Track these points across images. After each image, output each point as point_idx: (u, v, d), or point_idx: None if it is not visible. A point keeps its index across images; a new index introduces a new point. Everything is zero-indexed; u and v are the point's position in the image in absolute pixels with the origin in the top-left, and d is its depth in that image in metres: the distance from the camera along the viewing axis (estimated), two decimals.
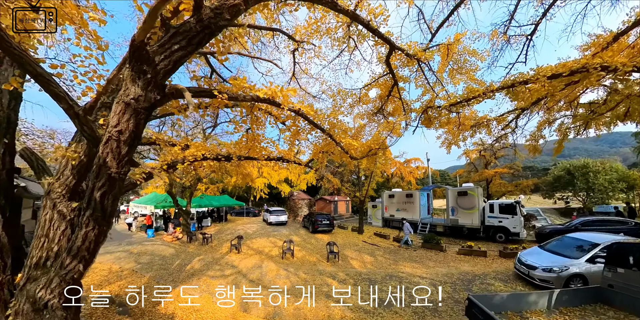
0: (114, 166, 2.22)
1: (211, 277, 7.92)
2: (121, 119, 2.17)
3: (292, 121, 3.86)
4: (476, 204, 14.93)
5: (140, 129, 2.38)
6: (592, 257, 6.72)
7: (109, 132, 2.15)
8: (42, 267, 3.20)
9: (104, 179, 2.25)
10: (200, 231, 15.38)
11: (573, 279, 6.63)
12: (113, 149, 2.23)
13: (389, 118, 8.75)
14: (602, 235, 7.82)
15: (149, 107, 2.34)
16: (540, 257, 7.81)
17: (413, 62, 6.99)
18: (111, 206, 2.52)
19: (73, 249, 2.58)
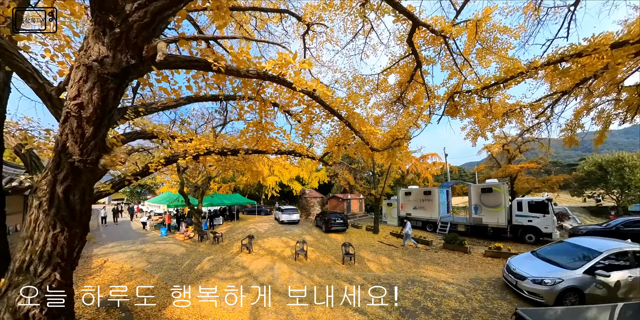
0: (76, 152, 1.74)
1: (220, 279, 7.50)
2: (82, 88, 1.64)
3: (306, 107, 3.24)
4: (502, 201, 13.79)
5: (110, 104, 1.82)
6: (592, 267, 5.67)
7: (66, 107, 1.64)
8: (25, 273, 2.77)
9: (66, 170, 1.79)
10: (211, 230, 15.16)
11: (567, 294, 5.58)
12: (73, 130, 1.73)
13: (409, 108, 7.97)
14: (607, 242, 6.72)
15: (120, 74, 1.77)
16: (531, 265, 6.71)
17: (438, 41, 6.20)
18: (80, 204, 2.00)
19: (44, 255, 2.14)
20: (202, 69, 2.23)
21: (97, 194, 3.20)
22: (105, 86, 1.67)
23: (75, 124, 1.69)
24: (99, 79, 1.63)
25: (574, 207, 24.16)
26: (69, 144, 1.74)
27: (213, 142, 4.05)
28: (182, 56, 2.16)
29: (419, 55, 6.03)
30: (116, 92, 1.78)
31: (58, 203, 1.92)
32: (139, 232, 16.42)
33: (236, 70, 2.27)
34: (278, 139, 3.93)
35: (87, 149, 1.78)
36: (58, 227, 2.02)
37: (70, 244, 2.15)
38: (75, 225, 2.07)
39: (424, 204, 17.47)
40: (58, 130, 1.74)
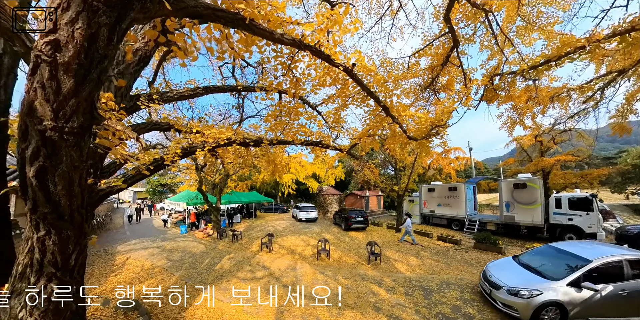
0: (47, 115, 1.25)
1: (242, 280, 7.20)
2: (59, 19, 1.19)
3: (341, 88, 2.73)
4: (538, 198, 12.61)
5: (101, 49, 1.31)
6: (578, 279, 4.78)
7: (36, 47, 1.18)
8: (27, 278, 2.45)
9: (35, 142, 1.29)
10: (230, 228, 15.09)
11: (547, 309, 4.74)
12: (45, 83, 1.24)
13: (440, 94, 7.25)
14: (599, 248, 5.72)
15: (118, 4, 1.27)
16: (509, 272, 5.83)
17: (479, 16, 5.46)
18: (66, 197, 1.54)
19: (33, 262, 1.76)
20: (229, 24, 1.71)
21: (109, 189, 2.86)
22: (95, 19, 1.18)
23: (48, 74, 1.20)
24: (85, 6, 1.16)
25: (614, 205, 22.11)
26: (37, 103, 1.25)
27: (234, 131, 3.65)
28: (206, 3, 1.64)
29: (457, 33, 5.33)
30: (110, 33, 1.27)
31: (33, 194, 1.47)
32: (160, 230, 16.68)
33: (269, 32, 1.79)
34: (306, 126, 3.46)
35: (65, 112, 1.28)
36: (42, 228, 1.59)
37: (63, 250, 1.74)
38: (64, 226, 1.63)
39: (449, 200, 16.50)
40: (25, 86, 1.27)
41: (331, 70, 2.62)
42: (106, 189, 2.85)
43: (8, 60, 3.16)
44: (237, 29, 1.76)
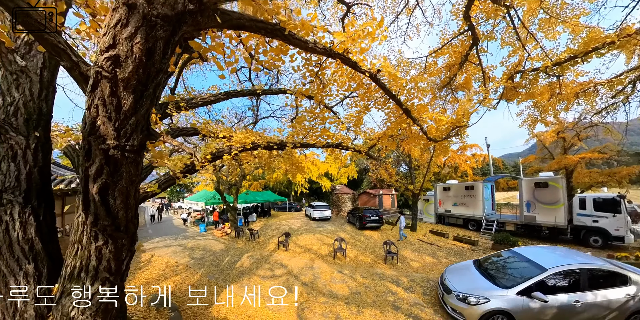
0: (110, 134, 1.32)
1: (262, 277, 7.43)
2: (119, 35, 1.22)
3: (364, 92, 2.81)
4: (560, 198, 12.07)
5: (157, 62, 1.37)
6: (529, 288, 4.56)
7: (96, 64, 1.25)
8: (77, 279, 2.68)
9: (98, 161, 1.39)
10: (247, 227, 15.47)
11: (494, 317, 4.54)
12: (106, 100, 1.30)
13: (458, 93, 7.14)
14: (563, 256, 5.38)
15: (173, 19, 1.32)
16: (464, 277, 5.63)
17: (499, 12, 5.36)
18: (123, 209, 1.69)
19: (89, 269, 1.95)
20: (268, 34, 1.82)
21: (144, 194, 3.07)
22: (153, 33, 1.23)
23: (109, 90, 1.23)
24: (144, 22, 1.20)
25: None
26: (99, 121, 1.30)
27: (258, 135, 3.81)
28: (248, 15, 1.76)
29: (477, 31, 5.25)
30: (165, 46, 1.32)
31: (95, 209, 1.59)
32: (180, 228, 17.34)
33: (304, 41, 1.89)
34: (329, 130, 3.56)
35: (126, 130, 1.34)
36: (100, 239, 1.76)
37: (117, 257, 1.92)
38: (120, 236, 1.79)
39: (465, 200, 16.15)
40: (86, 102, 1.34)
41: (355, 75, 2.70)
42: (142, 194, 3.07)
43: (47, 74, 3.40)
44: (275, 38, 1.86)
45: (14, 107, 3.00)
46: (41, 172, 3.07)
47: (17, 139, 2.90)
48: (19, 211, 2.81)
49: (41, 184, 3.06)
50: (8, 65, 3.01)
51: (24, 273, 2.78)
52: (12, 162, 2.88)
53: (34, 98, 3.10)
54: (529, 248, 6.56)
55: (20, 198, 2.82)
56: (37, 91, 3.13)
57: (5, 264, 2.75)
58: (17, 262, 2.77)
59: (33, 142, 3.01)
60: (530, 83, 6.50)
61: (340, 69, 2.53)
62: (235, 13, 1.65)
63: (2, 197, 2.77)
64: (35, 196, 2.95)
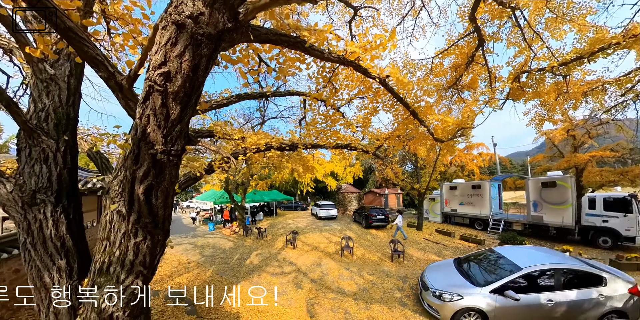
0: (159, 140, 1.48)
1: (271, 274, 7.63)
2: (169, 53, 1.36)
3: (373, 95, 2.94)
4: (569, 197, 11.89)
5: (200, 77, 1.54)
6: (503, 286, 4.66)
7: (149, 79, 1.40)
8: (106, 274, 2.90)
9: (146, 165, 1.55)
10: (255, 225, 15.74)
11: (467, 314, 4.65)
12: (157, 110, 1.45)
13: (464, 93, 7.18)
14: (541, 256, 5.44)
15: (215, 37, 1.48)
16: (442, 274, 5.73)
17: (505, 14, 5.40)
18: (163, 207, 1.87)
19: (126, 263, 2.12)
20: (290, 46, 2.00)
21: None
22: (198, 51, 1.39)
23: (160, 102, 1.40)
24: (191, 41, 1.35)
25: None
26: (149, 129, 1.46)
27: (272, 137, 3.98)
28: (274, 29, 1.95)
29: (482, 32, 5.30)
30: (208, 62, 1.50)
31: (139, 207, 1.77)
32: (189, 227, 17.72)
33: (320, 52, 2.03)
34: (339, 132, 3.70)
35: (172, 137, 1.50)
36: (140, 235, 1.93)
37: (153, 252, 2.10)
38: (158, 232, 1.98)
39: (472, 199, 16.09)
40: (137, 112, 1.50)
41: (365, 80, 2.83)
42: None
43: (74, 81, 3.61)
44: (296, 50, 2.03)
45: (45, 112, 3.21)
46: (70, 174, 3.29)
47: (48, 143, 3.11)
48: (51, 210, 3.02)
49: (70, 184, 3.28)
50: (39, 74, 3.23)
51: (56, 268, 3.00)
52: (44, 164, 3.09)
53: (63, 104, 3.31)
54: (508, 247, 6.69)
55: (52, 198, 3.03)
56: (65, 97, 3.35)
57: (40, 260, 2.97)
58: (50, 257, 2.99)
59: (62, 145, 3.22)
60: (537, 82, 6.51)
61: (351, 75, 2.67)
62: (263, 28, 1.81)
63: (35, 197, 2.98)
64: (65, 196, 3.16)
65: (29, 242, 2.97)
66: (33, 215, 2.94)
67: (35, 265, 2.97)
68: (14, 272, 5.42)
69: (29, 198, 2.93)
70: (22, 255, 3.02)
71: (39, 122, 3.16)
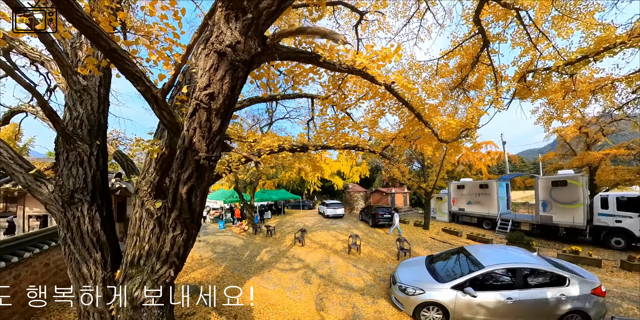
0: (203, 148, 1.74)
1: (281, 270, 7.92)
2: (213, 77, 1.64)
3: (380, 99, 3.14)
4: (580, 197, 11.56)
5: (236, 95, 1.84)
6: (463, 283, 4.85)
7: (196, 98, 1.67)
8: (137, 266, 3.21)
9: (190, 169, 1.82)
10: (264, 224, 16.11)
11: (428, 308, 4.93)
12: (202, 123, 1.74)
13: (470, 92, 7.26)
14: (508, 254, 5.59)
15: (249, 61, 1.77)
16: (411, 270, 5.98)
17: (509, 15, 5.48)
18: (199, 205, 2.15)
19: (162, 254, 2.36)
20: (306, 61, 2.27)
21: None
22: (236, 74, 1.67)
23: (205, 117, 1.68)
24: (230, 66, 1.62)
25: None
26: (195, 139, 1.74)
27: (283, 139, 4.23)
28: (292, 48, 2.25)
29: (487, 33, 5.40)
30: (242, 82, 1.80)
31: (180, 205, 2.03)
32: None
33: (332, 64, 2.26)
34: (349, 134, 3.93)
35: (213, 145, 1.79)
36: (178, 229, 2.19)
37: (186, 245, 2.35)
38: (193, 227, 2.24)
39: (480, 198, 16.01)
40: (184, 125, 1.79)
41: (372, 86, 3.04)
42: None
43: (103, 91, 3.94)
44: (311, 64, 2.28)
45: (79, 120, 3.54)
46: (102, 175, 3.63)
47: (83, 147, 3.44)
48: (87, 208, 3.35)
49: (102, 185, 3.61)
50: (73, 85, 3.56)
51: (93, 260, 3.33)
52: (80, 167, 3.42)
53: (94, 112, 3.64)
54: (479, 246, 6.93)
55: (88, 197, 3.37)
56: (96, 106, 3.68)
57: (78, 253, 3.30)
58: (87, 251, 3.32)
59: (95, 149, 3.55)
60: (543, 81, 6.54)
61: (359, 81, 2.88)
62: (284, 48, 2.07)
63: (74, 196, 3.31)
64: (98, 195, 3.50)
65: (68, 237, 3.31)
66: (72, 213, 3.28)
67: (75, 258, 3.32)
68: (45, 266, 5.86)
69: (68, 197, 3.26)
70: (63, 249, 3.37)
71: (74, 128, 3.49)
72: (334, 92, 2.89)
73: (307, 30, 1.72)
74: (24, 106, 5.01)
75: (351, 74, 2.56)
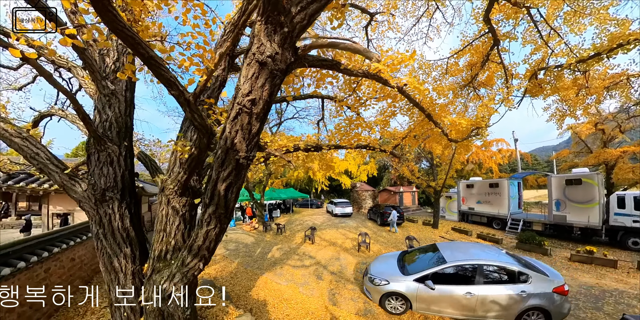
0: (243, 149, 1.90)
1: (293, 267, 8.11)
2: (254, 84, 1.81)
3: (392, 99, 3.26)
4: (595, 196, 11.27)
5: (272, 100, 2.02)
6: (424, 276, 5.21)
7: (238, 103, 1.84)
8: (164, 260, 3.41)
9: (230, 167, 1.97)
10: (274, 222, 16.37)
11: (392, 297, 5.36)
12: (244, 126, 1.90)
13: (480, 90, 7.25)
14: (473, 251, 5.85)
15: (285, 70, 1.96)
16: (383, 264, 6.37)
17: (519, 13, 5.48)
18: (233, 201, 2.30)
19: (194, 248, 2.50)
20: (328, 68, 2.46)
21: None
22: (274, 82, 1.86)
23: (246, 120, 1.86)
24: (270, 74, 1.81)
25: None
26: (237, 140, 1.90)
27: (299, 139, 4.39)
28: (317, 56, 2.44)
29: (497, 32, 5.41)
30: (278, 89, 1.99)
31: (218, 200, 2.18)
32: None
33: (350, 70, 2.41)
34: (363, 134, 4.06)
35: (251, 146, 1.96)
36: (212, 223, 2.33)
37: (217, 239, 2.51)
38: (225, 221, 2.40)
39: (490, 197, 15.81)
40: (226, 127, 1.96)
41: (384, 88, 3.16)
42: None
43: (129, 95, 4.18)
44: (332, 70, 2.45)
45: (109, 122, 3.78)
46: (130, 174, 3.86)
47: (112, 148, 3.68)
48: (118, 206, 3.58)
49: (130, 183, 3.85)
50: (102, 89, 3.79)
51: (123, 255, 3.56)
52: (110, 167, 3.66)
53: (122, 114, 3.88)
54: (452, 243, 7.33)
55: (118, 195, 3.60)
56: (123, 109, 3.91)
57: (110, 247, 3.53)
58: (118, 246, 3.55)
59: (123, 150, 3.78)
60: (555, 79, 6.49)
61: (372, 84, 3.00)
62: (310, 56, 2.25)
63: (105, 194, 3.55)
64: (127, 194, 3.73)
65: (100, 233, 3.54)
66: (104, 210, 3.52)
67: (106, 252, 3.55)
68: (71, 260, 6.21)
69: (100, 195, 3.50)
70: (95, 244, 3.61)
71: (104, 130, 3.73)
72: (349, 95, 3.02)
73: (340, 45, 1.88)
74: (53, 110, 5.31)
75: (365, 78, 2.69)
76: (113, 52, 4.02)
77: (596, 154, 16.40)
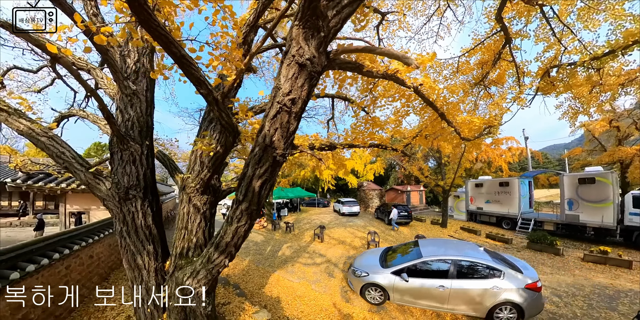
0: (281, 146, 1.96)
1: (304, 265, 8.20)
2: (294, 84, 1.90)
3: (406, 99, 3.30)
4: (610, 195, 11.03)
5: (309, 100, 2.13)
6: (401, 269, 5.56)
7: (279, 102, 1.91)
8: (185, 257, 3.49)
9: (267, 164, 2.03)
10: (282, 220, 16.50)
11: (370, 288, 5.73)
12: (283, 124, 1.97)
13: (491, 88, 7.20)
14: (450, 248, 6.20)
15: (320, 72, 2.07)
16: (367, 258, 6.73)
17: (532, 11, 5.44)
18: (265, 197, 2.35)
19: (221, 244, 2.54)
20: (351, 70, 2.53)
21: (228, 189, 3.85)
22: (311, 83, 1.96)
23: (286, 119, 1.93)
24: (308, 76, 1.91)
25: None
26: (275, 138, 1.96)
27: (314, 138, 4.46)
28: (344, 59, 2.52)
29: (509, 30, 5.38)
30: (313, 89, 2.09)
31: (252, 197, 2.22)
32: (220, 222, 18.92)
33: (371, 72, 2.47)
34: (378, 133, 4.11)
35: (288, 143, 2.03)
36: (243, 220, 2.37)
37: (245, 235, 2.54)
38: (255, 218, 2.44)
39: (499, 197, 15.59)
40: (265, 125, 2.02)
41: (400, 89, 3.21)
42: (226, 189, 3.87)
43: (150, 95, 4.29)
44: (355, 72, 2.54)
45: (131, 122, 3.89)
46: (151, 173, 3.98)
47: (135, 147, 3.78)
48: (140, 204, 3.68)
49: (152, 182, 3.97)
50: (124, 90, 3.90)
51: (146, 252, 3.64)
52: (132, 165, 3.77)
53: (143, 114, 3.98)
54: (430, 240, 7.78)
55: (140, 193, 3.70)
56: (144, 108, 4.02)
57: (133, 245, 3.63)
58: (141, 243, 3.64)
59: (145, 149, 3.89)
60: (568, 76, 6.40)
61: (389, 85, 3.05)
62: (339, 59, 2.34)
63: (128, 193, 3.66)
64: (149, 192, 3.84)
65: (124, 231, 3.65)
66: (127, 208, 3.62)
67: (130, 250, 3.64)
68: (89, 258, 6.39)
69: (124, 194, 3.61)
70: (119, 241, 3.70)
71: (126, 130, 3.84)
72: (366, 95, 3.08)
73: (377, 50, 1.95)
74: (74, 110, 5.48)
75: (383, 79, 2.75)
76: (133, 53, 4.12)
77: (610, 152, 16.03)
